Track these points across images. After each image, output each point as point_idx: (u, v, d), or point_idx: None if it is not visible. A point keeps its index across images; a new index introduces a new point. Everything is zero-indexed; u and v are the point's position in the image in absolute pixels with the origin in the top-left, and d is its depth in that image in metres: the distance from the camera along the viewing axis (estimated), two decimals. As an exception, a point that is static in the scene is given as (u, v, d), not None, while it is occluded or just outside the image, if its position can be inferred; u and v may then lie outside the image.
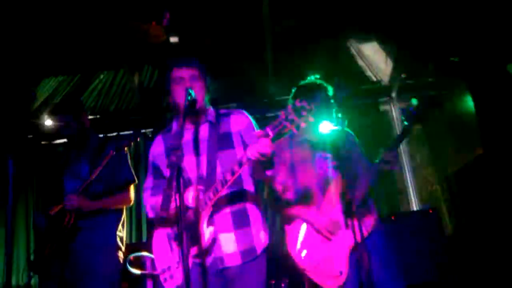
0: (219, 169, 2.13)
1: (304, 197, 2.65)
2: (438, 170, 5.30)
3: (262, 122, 2.16)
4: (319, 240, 2.54)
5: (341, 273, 2.43)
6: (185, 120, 1.99)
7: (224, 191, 2.05)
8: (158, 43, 4.62)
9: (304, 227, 2.59)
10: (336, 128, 2.65)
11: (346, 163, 2.55)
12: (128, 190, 2.94)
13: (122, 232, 2.94)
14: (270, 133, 1.84)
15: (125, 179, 2.91)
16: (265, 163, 1.98)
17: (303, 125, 1.80)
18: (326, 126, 2.64)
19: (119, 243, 2.90)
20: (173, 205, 1.87)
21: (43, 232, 2.82)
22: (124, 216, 3.01)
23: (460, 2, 4.00)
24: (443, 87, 5.26)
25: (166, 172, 2.27)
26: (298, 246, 2.55)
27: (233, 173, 1.98)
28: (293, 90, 2.83)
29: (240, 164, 1.95)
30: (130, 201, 2.98)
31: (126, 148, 2.82)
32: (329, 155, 2.64)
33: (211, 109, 2.32)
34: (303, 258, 2.52)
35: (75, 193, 2.72)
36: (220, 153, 2.18)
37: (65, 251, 2.71)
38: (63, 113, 3.01)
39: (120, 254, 2.89)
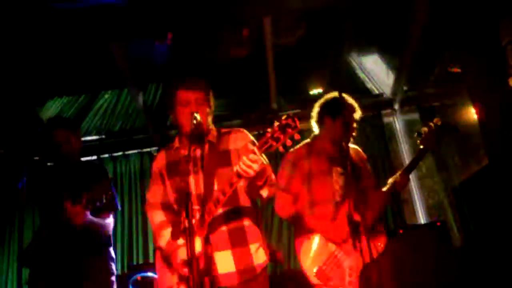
0: (216, 187, 2.12)
1: (319, 209, 2.65)
2: (444, 180, 5.28)
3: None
4: (332, 255, 2.53)
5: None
6: (191, 144, 2.00)
7: (219, 210, 2.04)
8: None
9: (316, 240, 2.58)
10: (352, 145, 2.70)
11: (358, 182, 2.56)
12: (107, 219, 2.90)
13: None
14: (257, 152, 1.81)
15: (106, 210, 2.85)
16: (255, 179, 1.95)
17: (289, 143, 1.76)
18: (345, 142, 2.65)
19: (114, 270, 2.91)
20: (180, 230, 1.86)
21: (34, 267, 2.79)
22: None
23: (461, 12, 4.01)
24: (445, 97, 5.27)
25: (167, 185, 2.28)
26: (310, 260, 2.54)
27: (224, 194, 1.96)
28: (317, 104, 2.86)
29: (231, 184, 1.94)
30: (108, 229, 2.93)
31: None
32: (345, 172, 2.64)
33: (213, 129, 2.33)
34: (315, 273, 2.50)
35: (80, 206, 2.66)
36: (218, 170, 2.17)
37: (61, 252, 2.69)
38: (64, 127, 2.99)
39: (114, 278, 2.89)
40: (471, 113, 4.81)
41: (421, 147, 2.57)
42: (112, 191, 2.67)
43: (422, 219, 5.12)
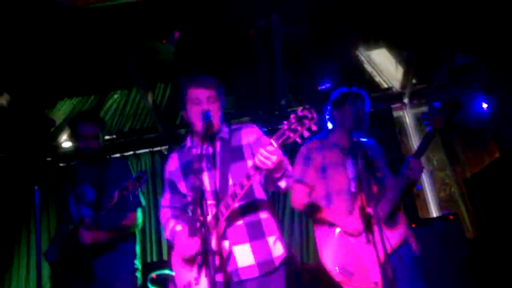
0: (231, 182, 2.14)
1: (335, 201, 2.65)
2: (456, 173, 5.24)
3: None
4: (354, 250, 2.52)
5: (376, 283, 2.41)
6: (203, 142, 2.02)
7: (236, 204, 2.06)
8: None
9: (336, 235, 2.57)
10: (365, 138, 2.70)
11: (372, 173, 2.55)
12: (135, 215, 2.87)
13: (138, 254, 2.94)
14: (274, 143, 1.82)
15: (131, 207, 2.82)
16: (273, 171, 1.96)
17: (306, 134, 1.77)
18: (357, 135, 2.66)
19: (138, 265, 2.90)
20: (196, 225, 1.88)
21: (56, 264, 2.76)
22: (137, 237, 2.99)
23: (471, 4, 3.97)
24: (456, 90, 5.22)
25: (182, 188, 2.30)
26: (332, 257, 2.54)
27: (242, 187, 1.99)
28: (332, 96, 2.88)
29: (248, 177, 1.96)
30: (138, 225, 2.92)
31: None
32: (359, 162, 2.64)
33: (224, 126, 2.35)
34: (338, 270, 2.50)
35: (87, 227, 2.65)
36: (232, 165, 2.19)
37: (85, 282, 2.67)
38: (95, 121, 2.88)
39: (138, 275, 2.89)
40: (483, 106, 4.78)
41: (428, 128, 2.53)
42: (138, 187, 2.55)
43: (434, 212, 5.09)
